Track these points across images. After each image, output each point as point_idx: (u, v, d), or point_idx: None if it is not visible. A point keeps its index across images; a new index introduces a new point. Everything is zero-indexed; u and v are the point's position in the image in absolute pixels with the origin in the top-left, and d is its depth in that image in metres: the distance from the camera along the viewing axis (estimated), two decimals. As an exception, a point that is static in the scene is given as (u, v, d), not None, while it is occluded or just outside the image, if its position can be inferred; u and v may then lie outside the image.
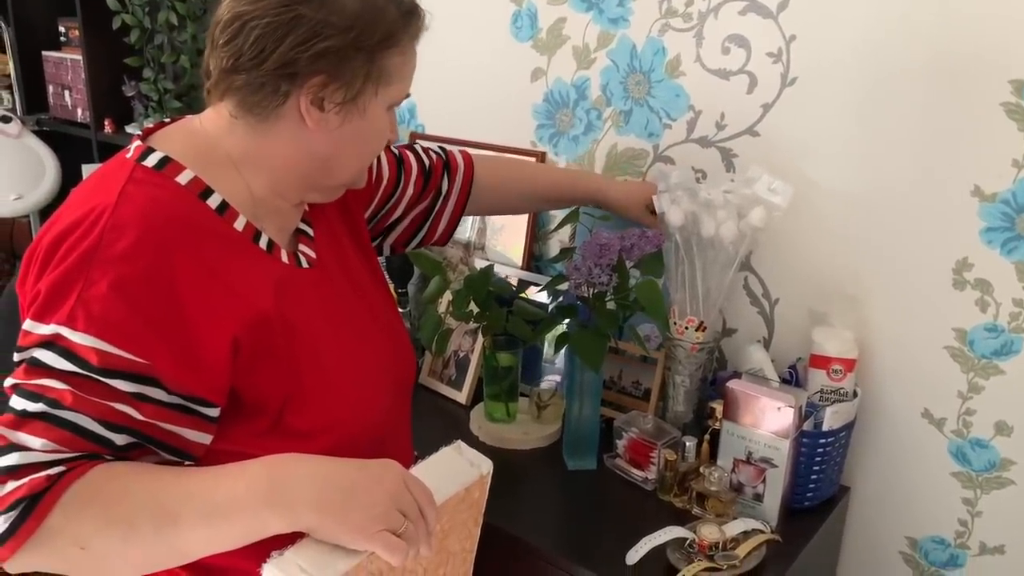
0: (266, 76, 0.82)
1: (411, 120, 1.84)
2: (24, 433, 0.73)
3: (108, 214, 0.77)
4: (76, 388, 0.74)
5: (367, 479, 0.74)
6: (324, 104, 0.85)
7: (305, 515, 0.71)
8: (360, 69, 0.85)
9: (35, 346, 0.75)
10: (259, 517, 0.72)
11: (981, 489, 1.27)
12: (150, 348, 0.76)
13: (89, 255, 0.76)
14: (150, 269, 0.77)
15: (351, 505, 0.72)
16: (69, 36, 2.33)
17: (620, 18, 1.47)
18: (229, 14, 0.83)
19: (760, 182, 1.26)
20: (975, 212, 1.19)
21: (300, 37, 0.81)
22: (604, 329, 1.26)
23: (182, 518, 0.72)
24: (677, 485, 1.25)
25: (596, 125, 1.55)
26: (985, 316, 1.21)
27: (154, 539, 0.72)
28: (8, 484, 0.71)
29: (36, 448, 0.73)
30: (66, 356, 0.74)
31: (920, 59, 1.19)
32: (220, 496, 0.73)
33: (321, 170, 0.91)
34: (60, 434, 0.73)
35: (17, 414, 0.74)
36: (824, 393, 1.26)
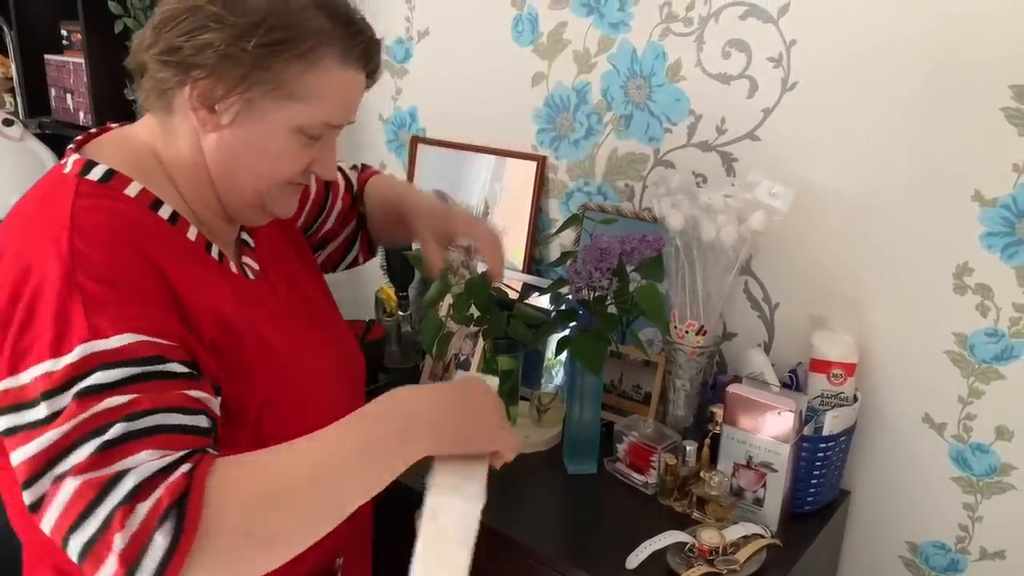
0: (155, 61, 0.81)
1: (412, 124, 1.84)
2: (122, 459, 0.66)
3: (68, 234, 0.73)
4: (141, 391, 0.69)
5: (474, 394, 0.85)
6: (216, 105, 0.82)
7: (450, 432, 0.80)
8: (246, 71, 0.80)
9: (72, 379, 0.68)
10: (410, 448, 0.77)
11: (982, 494, 1.27)
12: (174, 330, 0.75)
13: (70, 278, 0.71)
14: (135, 267, 0.75)
15: (476, 418, 0.83)
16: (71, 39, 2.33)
17: (621, 23, 1.47)
18: (167, 11, 0.82)
19: (760, 186, 1.26)
20: (975, 217, 1.19)
21: (188, 26, 0.79)
22: (604, 333, 1.26)
23: (335, 471, 0.73)
24: (677, 489, 1.24)
25: (597, 129, 1.55)
26: (985, 321, 1.21)
27: (313, 501, 0.72)
28: (140, 507, 0.64)
29: (146, 461, 0.66)
30: (113, 365, 0.69)
31: (920, 64, 1.19)
32: (366, 442, 0.76)
33: (224, 180, 0.87)
34: (152, 442, 0.68)
35: (96, 453, 0.66)
36: (824, 397, 1.26)
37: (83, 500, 0.65)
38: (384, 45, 1.82)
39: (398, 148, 1.89)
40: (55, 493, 0.66)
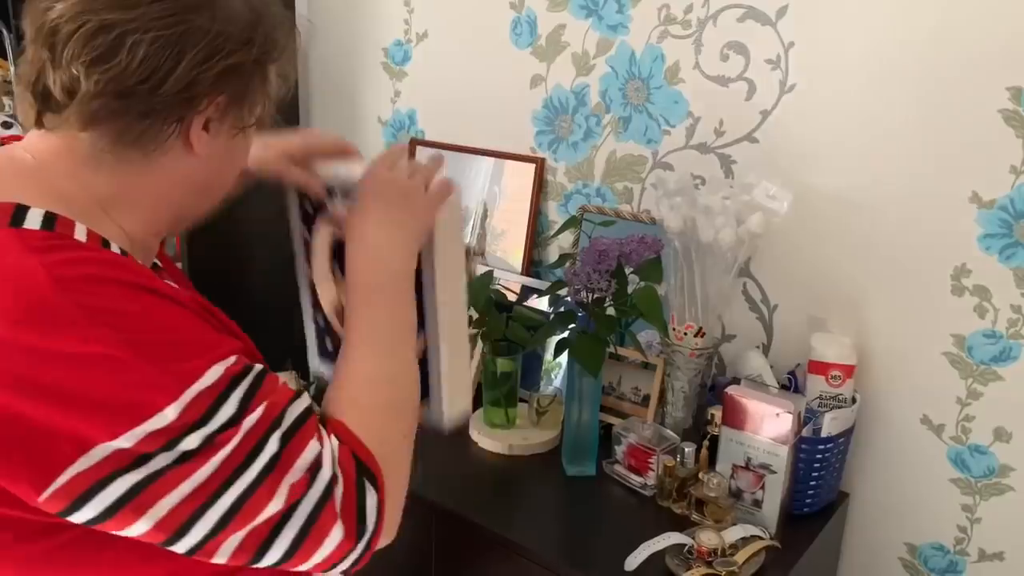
0: (160, 102, 0.66)
1: (411, 127, 1.85)
2: (298, 459, 0.67)
3: (74, 301, 0.61)
4: (263, 398, 0.68)
5: (389, 190, 0.83)
6: (211, 126, 0.71)
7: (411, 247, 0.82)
8: (261, 86, 0.74)
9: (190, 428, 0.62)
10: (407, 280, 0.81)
11: (980, 495, 1.27)
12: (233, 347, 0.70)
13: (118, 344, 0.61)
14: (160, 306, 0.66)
15: (410, 213, 0.83)
16: (70, 42, 2.33)
17: (619, 25, 1.47)
18: (94, 21, 0.64)
19: (759, 188, 1.26)
20: (973, 218, 1.19)
21: (201, 54, 0.67)
22: (603, 335, 1.26)
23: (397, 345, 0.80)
24: (676, 491, 1.24)
25: (595, 131, 1.55)
26: (984, 322, 1.21)
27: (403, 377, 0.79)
28: (337, 488, 0.69)
29: (318, 449, 0.69)
30: (225, 397, 0.65)
31: (918, 66, 1.20)
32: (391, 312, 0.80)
33: (196, 199, 0.78)
34: (306, 432, 0.69)
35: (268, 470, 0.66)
36: (823, 399, 1.26)
37: (285, 510, 0.66)
38: (382, 47, 1.83)
39: (397, 150, 1.89)
40: (243, 525, 0.65)
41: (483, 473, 1.34)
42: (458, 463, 1.37)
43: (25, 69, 0.67)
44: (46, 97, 0.66)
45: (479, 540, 1.21)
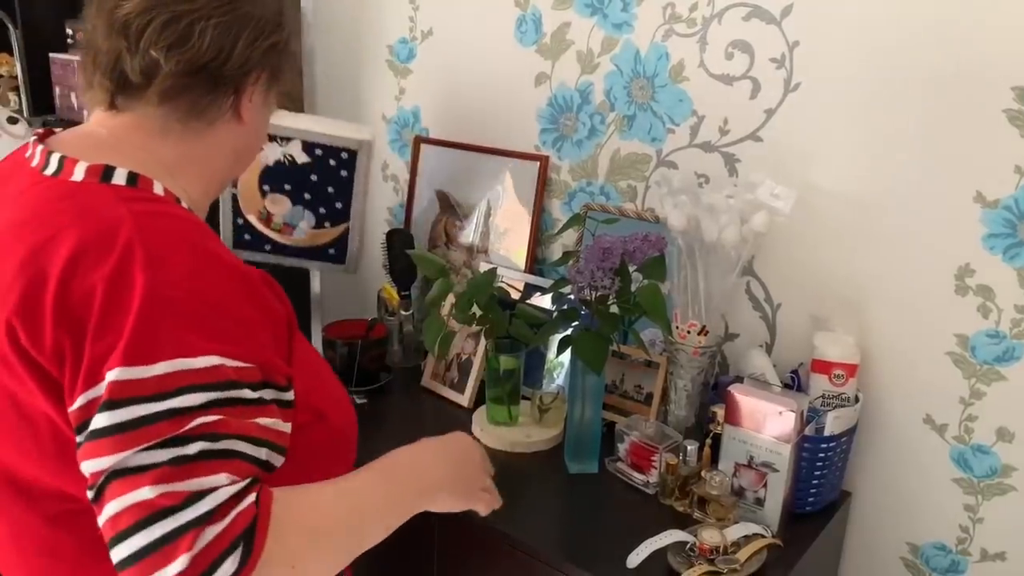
0: (224, 77, 0.80)
1: (415, 124, 1.85)
2: (197, 478, 0.66)
3: (139, 241, 0.69)
4: (225, 414, 0.69)
5: (463, 451, 0.96)
6: (254, 98, 0.86)
7: (439, 496, 0.90)
8: (287, 62, 0.89)
9: (162, 394, 0.66)
10: (414, 504, 0.88)
11: (982, 495, 1.27)
12: (263, 347, 0.74)
13: (155, 287, 0.68)
14: (213, 274, 0.73)
15: (464, 475, 0.93)
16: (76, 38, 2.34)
17: (624, 23, 1.47)
18: (165, 12, 0.77)
19: (763, 187, 1.27)
20: (977, 218, 1.19)
21: (251, 35, 0.81)
22: (606, 333, 1.26)
23: (366, 517, 0.81)
24: (678, 489, 1.25)
25: (600, 130, 1.55)
26: (987, 322, 1.21)
27: (347, 541, 0.79)
28: (209, 529, 0.65)
29: (223, 484, 0.67)
30: (200, 388, 0.68)
31: (923, 65, 1.20)
32: (391, 493, 0.85)
33: (237, 164, 0.91)
34: (227, 465, 0.68)
35: (171, 463, 0.66)
36: (826, 398, 1.26)
37: (151, 509, 0.65)
38: (387, 45, 1.83)
39: (401, 148, 1.90)
40: (124, 491, 0.65)
41: (486, 470, 1.35)
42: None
43: (99, 60, 0.79)
44: (123, 80, 0.78)
45: (481, 537, 1.21)
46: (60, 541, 0.77)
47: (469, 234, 1.75)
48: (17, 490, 0.77)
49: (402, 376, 1.67)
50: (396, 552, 1.32)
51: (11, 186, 0.79)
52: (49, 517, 0.76)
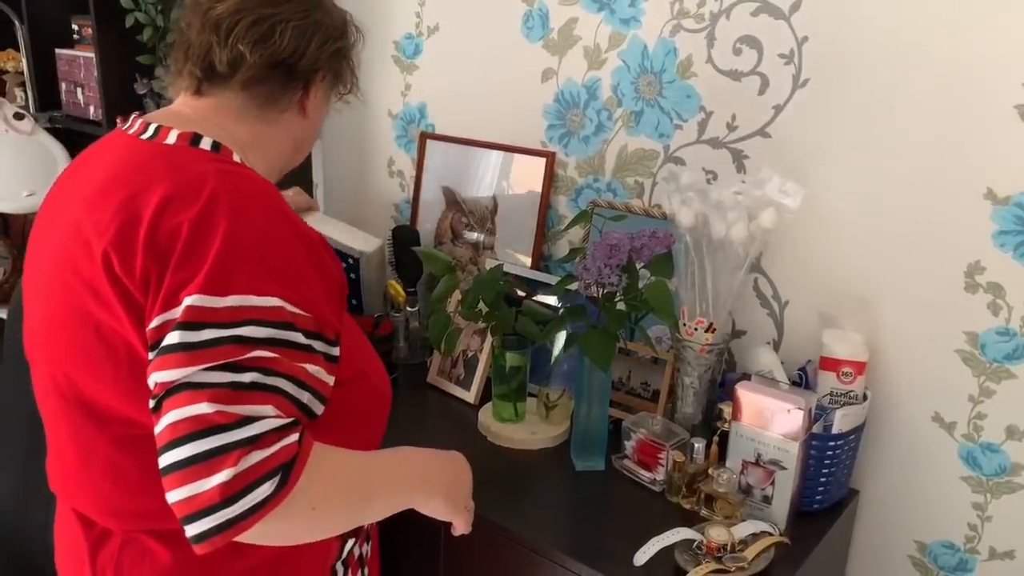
0: (297, 72, 0.94)
1: (422, 120, 1.84)
2: (248, 405, 0.74)
3: (223, 191, 0.79)
4: (279, 353, 0.77)
5: (462, 470, 1.04)
6: (318, 95, 0.99)
7: (434, 498, 0.96)
8: (347, 68, 1.02)
9: (232, 322, 0.75)
10: (413, 497, 0.95)
11: (991, 494, 1.26)
12: (317, 301, 0.81)
13: (235, 231, 0.77)
14: (284, 231, 0.82)
15: (458, 489, 1.01)
16: (82, 34, 2.34)
17: (632, 18, 1.46)
18: (252, 14, 0.90)
19: (771, 184, 1.26)
20: (988, 215, 1.18)
21: (322, 38, 0.94)
22: (613, 330, 1.25)
23: (378, 491, 0.90)
24: (685, 487, 1.24)
25: (607, 126, 1.55)
26: (997, 320, 1.20)
27: (359, 504, 0.87)
28: (255, 454, 0.73)
29: (270, 415, 0.75)
30: (262, 324, 0.76)
31: (932, 60, 1.19)
32: (400, 478, 0.94)
33: (295, 154, 1.03)
34: (275, 400, 0.76)
35: (227, 387, 0.74)
36: (834, 396, 1.26)
37: (206, 423, 0.72)
38: (393, 40, 1.83)
39: (407, 144, 1.89)
40: (185, 403, 0.73)
41: (492, 467, 1.34)
42: (467, 457, 1.36)
43: (191, 52, 0.92)
44: (211, 69, 0.91)
45: (488, 533, 1.21)
46: (123, 464, 0.85)
47: (475, 230, 1.74)
48: (88, 413, 0.85)
49: (408, 372, 1.67)
50: (404, 547, 1.32)
51: (108, 153, 0.90)
52: (115, 439, 0.84)
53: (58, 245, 0.85)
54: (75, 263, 0.82)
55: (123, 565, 0.88)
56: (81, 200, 0.84)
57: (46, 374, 0.89)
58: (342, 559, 1.01)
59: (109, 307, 0.79)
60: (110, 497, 0.87)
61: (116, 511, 0.88)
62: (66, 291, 0.83)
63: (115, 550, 0.88)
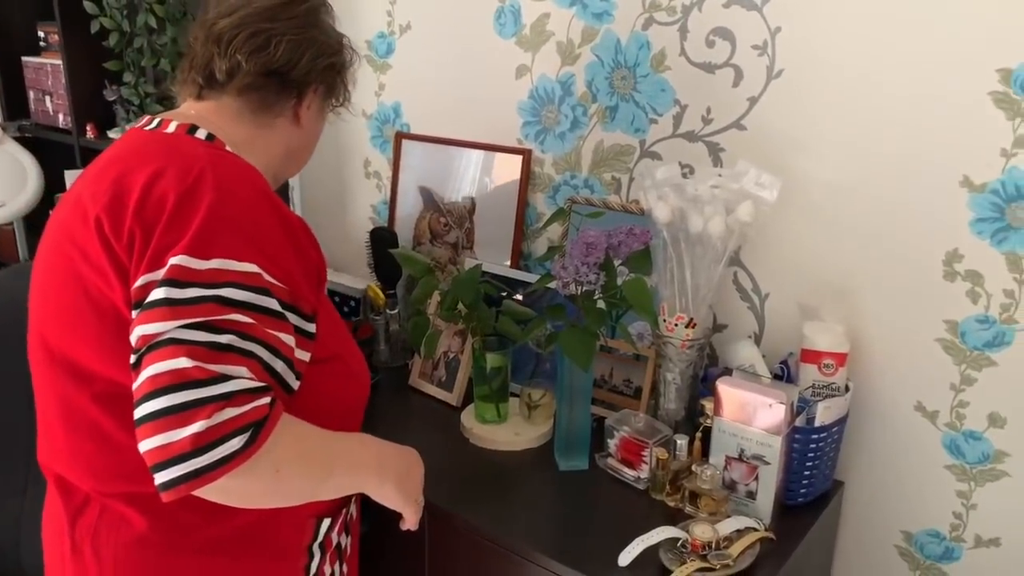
0: (291, 81, 1.01)
1: (396, 120, 1.82)
2: (225, 364, 0.78)
3: (213, 170, 0.86)
4: (255, 319, 0.81)
5: (415, 463, 1.07)
6: (311, 107, 1.06)
7: (387, 484, 0.99)
8: (340, 84, 1.09)
9: (214, 283, 0.80)
10: (367, 479, 0.98)
11: (975, 482, 1.26)
12: (293, 276, 0.86)
13: (219, 204, 0.83)
14: (264, 209, 0.87)
15: (409, 481, 1.04)
16: (48, 41, 2.30)
17: (604, 13, 1.45)
18: (251, 27, 0.98)
19: (748, 176, 1.25)
20: (965, 203, 1.18)
21: (315, 53, 1.02)
22: (593, 328, 1.24)
23: (337, 465, 0.93)
24: (669, 484, 1.23)
25: (582, 121, 1.53)
26: (976, 308, 1.20)
27: (319, 474, 0.91)
28: (228, 410, 0.77)
29: (244, 376, 0.79)
30: (241, 287, 0.81)
31: (907, 48, 1.18)
32: (358, 458, 0.97)
33: (288, 163, 1.09)
34: (250, 364, 0.80)
35: (205, 346, 0.78)
36: (816, 388, 1.25)
37: (184, 377, 0.77)
38: (365, 40, 1.80)
39: (382, 144, 1.87)
40: (164, 357, 0.77)
41: (475, 469, 1.33)
42: (450, 459, 1.36)
43: (195, 62, 1.00)
44: (211, 77, 0.99)
45: (472, 536, 1.20)
46: (104, 422, 0.88)
47: (453, 230, 1.73)
48: (72, 372, 0.89)
49: (390, 375, 1.65)
50: (387, 551, 1.30)
51: (117, 143, 0.99)
52: (96, 396, 0.88)
53: (61, 217, 0.93)
54: (72, 230, 0.89)
55: (100, 532, 0.92)
56: (86, 179, 0.93)
57: (37, 335, 0.94)
58: (319, 541, 1.02)
59: (99, 269, 0.85)
60: (91, 457, 0.91)
61: (96, 471, 0.91)
62: (61, 256, 0.90)
63: (93, 519, 0.92)
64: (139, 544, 0.90)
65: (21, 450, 1.21)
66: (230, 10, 1.00)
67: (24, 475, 1.23)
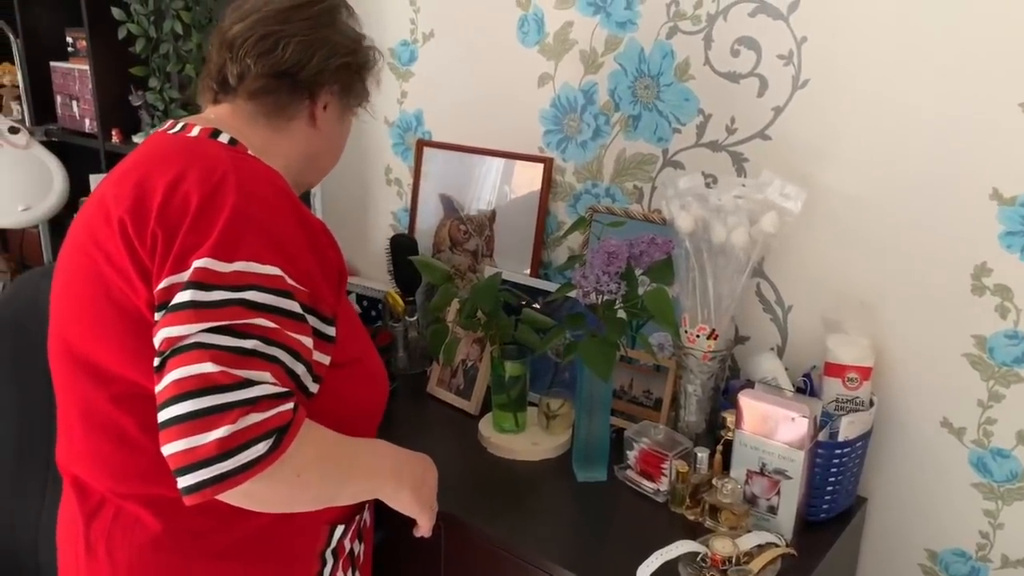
0: (301, 83, 1.00)
1: (418, 127, 1.83)
2: (250, 370, 0.79)
3: (237, 173, 0.86)
4: (278, 323, 0.82)
5: (429, 471, 1.07)
6: (328, 109, 1.05)
7: (403, 491, 1.00)
8: (359, 83, 1.07)
9: (238, 286, 0.80)
10: (384, 485, 0.99)
11: (1003, 500, 1.23)
12: (313, 278, 0.87)
13: (244, 206, 0.84)
14: (287, 212, 0.88)
15: (424, 487, 1.04)
16: (76, 47, 2.33)
17: (628, 21, 1.45)
18: (261, 31, 0.98)
19: (772, 187, 1.24)
20: (994, 216, 1.16)
21: (326, 53, 1.01)
22: (613, 338, 1.23)
23: (356, 471, 0.95)
24: (689, 497, 1.22)
25: (604, 130, 1.53)
26: (1005, 323, 1.18)
27: (339, 480, 0.92)
28: (252, 415, 0.77)
29: (268, 382, 0.80)
30: (264, 290, 0.81)
31: (935, 59, 1.16)
32: (375, 464, 0.98)
33: (309, 168, 1.08)
34: (274, 369, 0.81)
35: (230, 351, 0.78)
36: (839, 402, 1.23)
37: (210, 381, 0.77)
38: (389, 48, 1.81)
39: (404, 151, 1.88)
40: (190, 362, 0.77)
41: (492, 478, 1.32)
42: (468, 469, 1.35)
43: (211, 68, 1.02)
44: (224, 82, 1.01)
45: (488, 547, 1.19)
46: (123, 421, 0.89)
47: (473, 238, 1.72)
48: (93, 373, 0.90)
49: (408, 382, 1.65)
50: (402, 560, 1.29)
51: (141, 147, 0.99)
52: (115, 396, 0.89)
53: (84, 219, 0.94)
54: (95, 231, 0.89)
55: (115, 535, 0.92)
56: (109, 182, 0.93)
57: (58, 335, 0.95)
58: (332, 548, 1.02)
59: (122, 271, 0.86)
60: (109, 457, 0.91)
61: (114, 471, 0.91)
62: (84, 257, 0.90)
63: (107, 521, 0.92)
64: (153, 547, 0.90)
65: (42, 451, 1.22)
66: (243, 15, 1.00)
67: (44, 476, 1.24)
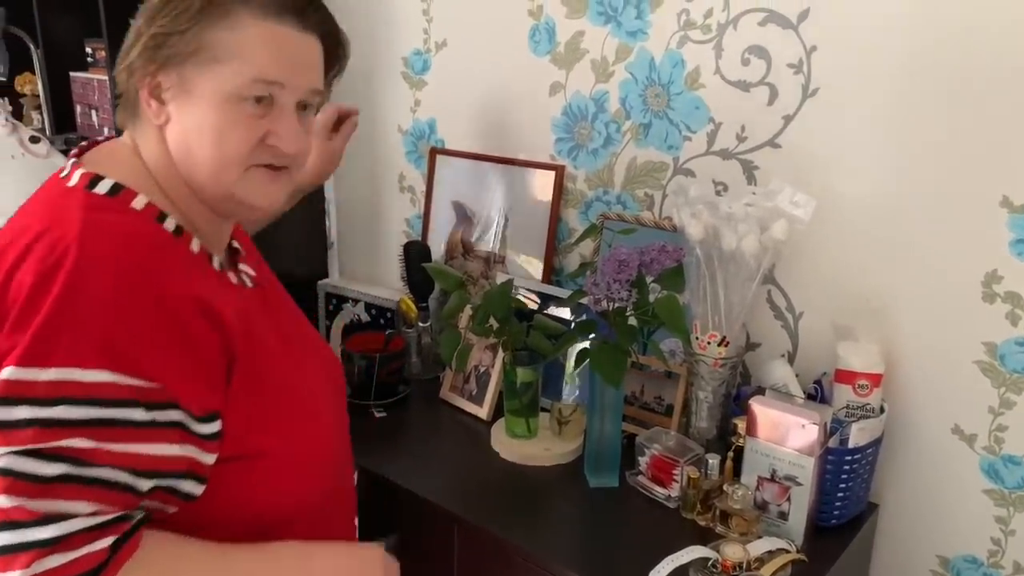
0: (120, 74, 0.85)
1: (431, 136, 1.85)
2: (55, 500, 0.67)
3: (76, 247, 0.72)
4: (99, 439, 0.69)
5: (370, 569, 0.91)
6: (163, 95, 0.83)
7: None
8: (178, 49, 0.81)
9: (47, 399, 0.68)
10: None
11: (1014, 507, 1.23)
12: (169, 372, 0.73)
13: (72, 291, 0.70)
14: (138, 293, 0.73)
15: None
16: (96, 57, 2.36)
17: (638, 31, 1.46)
18: None
19: (782, 195, 1.24)
20: (1004, 223, 1.16)
21: (132, 37, 0.84)
22: (624, 345, 1.24)
23: None
24: (700, 503, 1.23)
25: (615, 138, 1.54)
26: (1016, 330, 1.18)
27: None
28: (53, 557, 0.66)
29: (81, 513, 0.68)
30: (80, 402, 0.69)
31: (945, 67, 1.17)
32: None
33: (189, 173, 0.85)
34: (95, 494, 0.69)
35: (32, 480, 0.67)
36: (850, 409, 1.24)
37: (4, 517, 0.66)
38: (402, 57, 1.83)
39: (417, 159, 1.89)
40: None
41: (505, 484, 1.33)
42: (479, 474, 1.36)
43: None
44: None
45: (501, 552, 1.20)
46: None
47: (486, 245, 1.74)
48: None
49: (421, 388, 1.67)
50: (414, 565, 1.31)
51: (36, 194, 0.85)
52: None
53: None
54: None
55: None
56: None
57: None
58: None
59: None
60: None
61: None
62: None
63: None
64: None
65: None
66: None
67: None
